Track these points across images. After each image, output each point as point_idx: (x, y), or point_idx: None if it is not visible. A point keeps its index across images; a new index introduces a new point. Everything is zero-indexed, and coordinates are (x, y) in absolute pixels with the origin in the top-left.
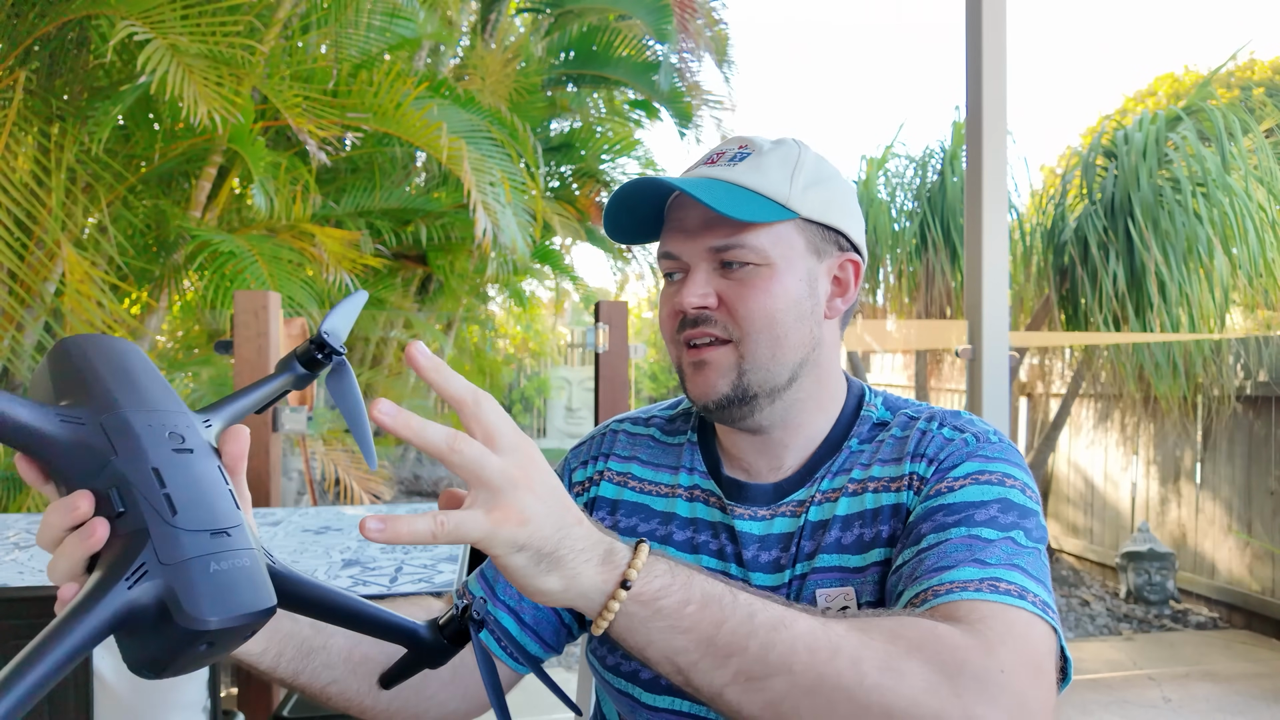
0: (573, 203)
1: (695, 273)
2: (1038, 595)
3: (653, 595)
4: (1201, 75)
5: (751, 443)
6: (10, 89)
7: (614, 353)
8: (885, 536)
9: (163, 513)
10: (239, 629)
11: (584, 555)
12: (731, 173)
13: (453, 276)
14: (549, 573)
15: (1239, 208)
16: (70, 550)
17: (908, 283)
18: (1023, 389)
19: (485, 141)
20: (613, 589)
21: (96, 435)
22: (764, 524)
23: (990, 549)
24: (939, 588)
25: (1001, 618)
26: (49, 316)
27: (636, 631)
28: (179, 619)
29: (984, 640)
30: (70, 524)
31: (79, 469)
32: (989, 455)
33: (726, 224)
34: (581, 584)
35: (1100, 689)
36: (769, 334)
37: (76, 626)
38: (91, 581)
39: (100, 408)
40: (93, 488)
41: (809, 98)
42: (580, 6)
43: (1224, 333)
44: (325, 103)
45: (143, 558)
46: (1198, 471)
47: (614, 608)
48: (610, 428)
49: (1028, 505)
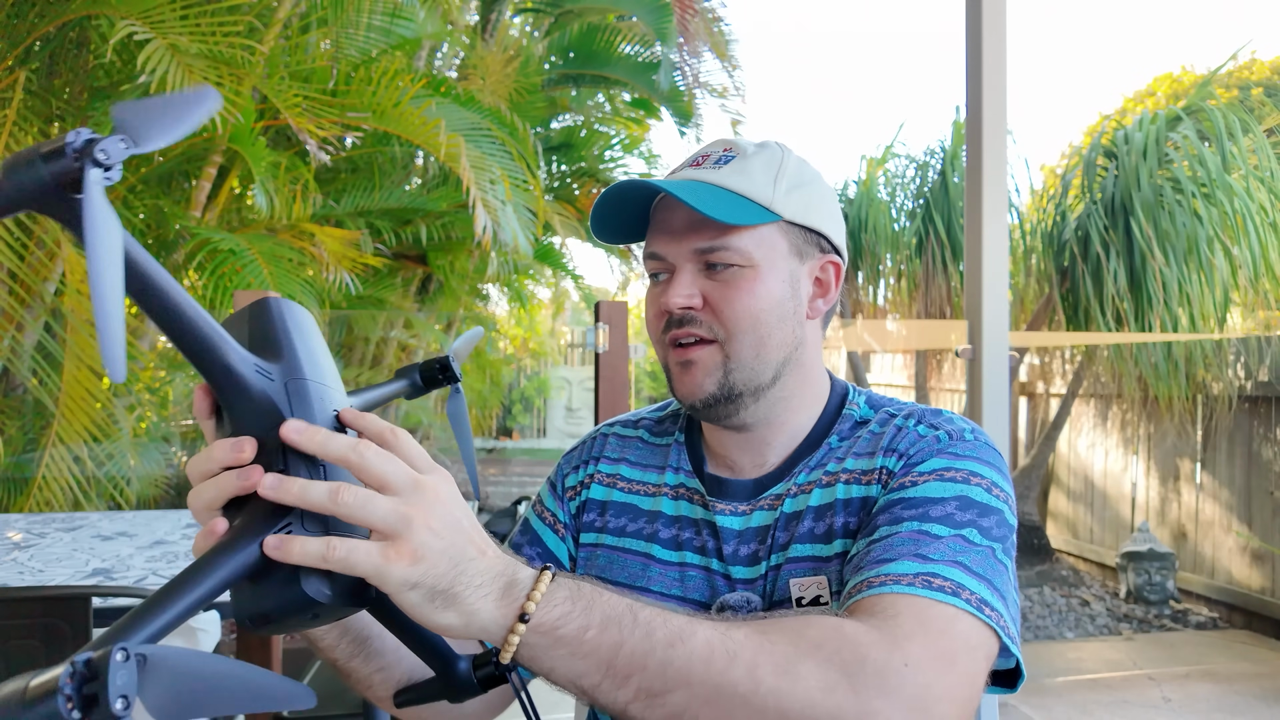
0: (573, 202)
1: (680, 273)
2: (975, 593)
3: (551, 625)
4: (1200, 75)
5: (736, 440)
6: (10, 89)
7: (614, 353)
8: (853, 528)
9: (320, 478)
10: (345, 608)
11: (481, 590)
12: (716, 175)
13: (453, 276)
14: (445, 609)
15: (1239, 207)
16: (224, 484)
17: (908, 283)
18: (1023, 389)
19: (485, 140)
20: (511, 622)
21: (280, 394)
22: (743, 519)
23: (936, 544)
24: (874, 579)
25: (919, 613)
26: (49, 316)
27: (540, 659)
28: (305, 585)
29: (889, 635)
30: (232, 462)
31: (253, 416)
32: (958, 453)
33: (711, 226)
34: (481, 619)
35: (1100, 689)
36: (753, 334)
37: (226, 561)
38: (241, 524)
39: (289, 370)
40: (259, 439)
41: (809, 97)
42: (580, 6)
43: (1224, 333)
44: (325, 102)
45: (290, 518)
46: (1198, 471)
47: (513, 640)
48: (601, 431)
49: (989, 503)
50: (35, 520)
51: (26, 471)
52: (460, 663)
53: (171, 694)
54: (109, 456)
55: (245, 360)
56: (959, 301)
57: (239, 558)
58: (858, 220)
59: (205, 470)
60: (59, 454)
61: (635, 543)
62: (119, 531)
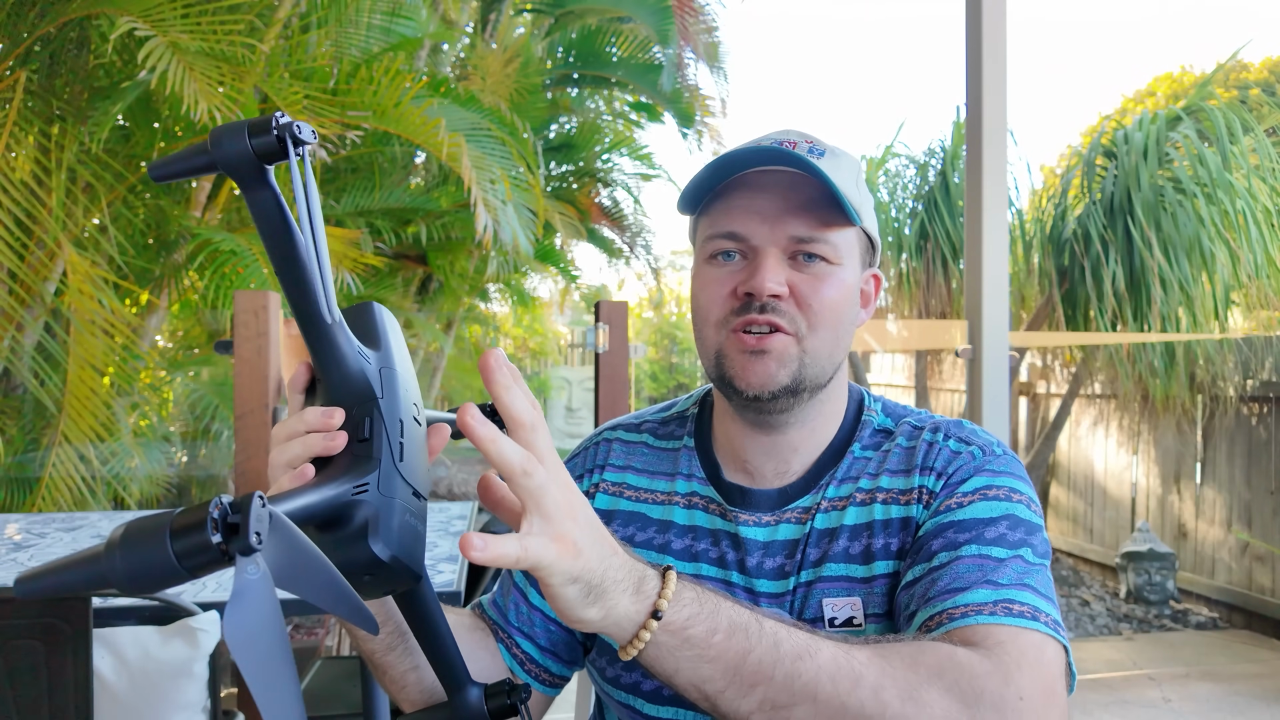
0: (573, 202)
1: (767, 258)
2: (1049, 615)
3: (681, 625)
4: (1200, 75)
5: (762, 443)
6: (11, 89)
7: (614, 353)
8: (894, 549)
9: (395, 455)
10: (397, 576)
11: (621, 586)
12: (821, 164)
13: (453, 276)
14: (594, 604)
15: (1239, 207)
16: (311, 444)
17: (908, 283)
18: (1023, 389)
19: (485, 139)
20: (644, 619)
21: (374, 375)
22: (768, 530)
23: (1002, 569)
24: (954, 610)
25: (1017, 642)
26: (49, 316)
27: (665, 660)
28: (371, 540)
29: (1001, 666)
30: (320, 426)
31: (347, 390)
32: (996, 469)
33: (812, 215)
34: (617, 614)
35: (1100, 689)
36: (832, 330)
37: (313, 494)
38: (326, 475)
39: (383, 359)
40: (349, 410)
41: (809, 97)
42: (581, 7)
43: (1225, 332)
44: (325, 100)
45: (368, 479)
46: (1198, 471)
47: (644, 637)
48: (604, 436)
49: (1033, 520)
50: (35, 520)
51: (28, 471)
52: (471, 689)
53: (284, 558)
54: (112, 454)
55: (352, 341)
56: (959, 301)
57: (324, 497)
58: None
59: (293, 431)
60: (65, 454)
61: (645, 553)
62: None
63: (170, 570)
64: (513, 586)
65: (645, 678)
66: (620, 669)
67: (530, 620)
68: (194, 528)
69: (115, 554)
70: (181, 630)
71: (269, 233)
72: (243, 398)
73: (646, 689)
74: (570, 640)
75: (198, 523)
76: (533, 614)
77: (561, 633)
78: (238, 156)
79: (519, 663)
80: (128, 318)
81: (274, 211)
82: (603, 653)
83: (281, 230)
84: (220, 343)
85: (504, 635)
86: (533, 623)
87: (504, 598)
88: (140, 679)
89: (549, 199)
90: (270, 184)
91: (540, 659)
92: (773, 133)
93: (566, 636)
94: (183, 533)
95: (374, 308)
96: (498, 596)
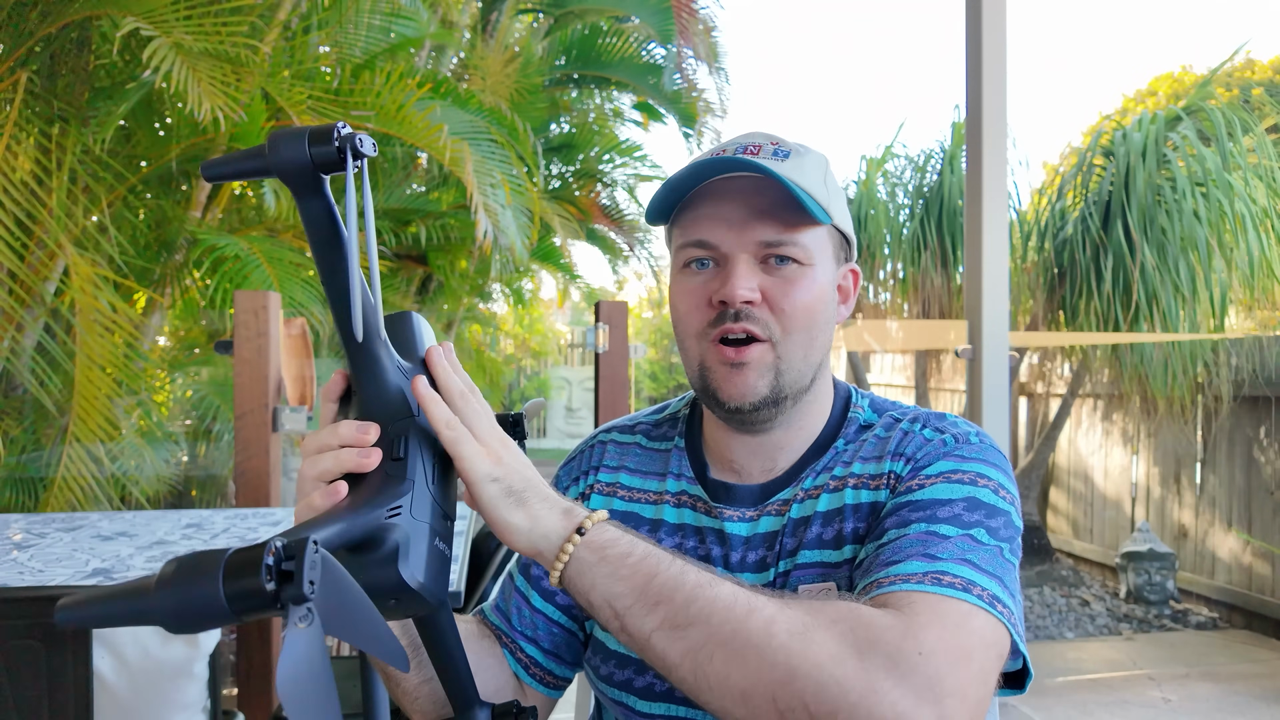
0: (573, 202)
1: (738, 264)
2: (986, 589)
3: (601, 544)
4: (1200, 75)
5: (750, 444)
6: (11, 89)
7: (614, 353)
8: (862, 533)
9: (430, 478)
10: (422, 603)
11: (547, 505)
12: (783, 168)
13: (453, 276)
14: (516, 508)
15: (1239, 207)
16: (344, 459)
17: (907, 283)
18: (1023, 389)
19: (486, 142)
20: (569, 534)
21: (411, 393)
22: (750, 524)
23: (944, 544)
24: (884, 579)
25: (934, 606)
26: (49, 317)
27: (584, 575)
28: (401, 566)
29: (905, 623)
30: (354, 442)
31: (383, 405)
32: (965, 455)
33: (778, 219)
34: (543, 525)
35: (1100, 689)
36: (806, 334)
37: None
38: (360, 496)
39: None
40: (384, 427)
41: (809, 97)
42: (582, 7)
43: (1224, 333)
44: (329, 101)
45: (401, 502)
46: (1198, 471)
47: (568, 550)
48: (598, 439)
49: (997, 505)
50: (35, 520)
51: (32, 472)
52: (480, 710)
53: (331, 601)
54: (115, 456)
55: (392, 354)
56: (959, 301)
57: (359, 522)
58: (858, 220)
59: (326, 444)
60: (76, 453)
61: None
62: (119, 531)
63: (218, 612)
64: (514, 591)
65: (637, 674)
66: (613, 667)
67: (533, 624)
68: (248, 571)
69: (165, 591)
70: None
71: (319, 242)
72: (243, 398)
73: (638, 686)
74: (573, 641)
75: (252, 564)
76: (535, 617)
77: (564, 634)
78: (295, 164)
79: (523, 667)
80: (131, 316)
81: (326, 222)
82: (597, 651)
83: (332, 241)
84: (220, 343)
85: (508, 640)
86: (535, 626)
87: (506, 603)
88: (140, 679)
89: (549, 199)
90: (325, 194)
91: (544, 661)
92: (739, 136)
93: (569, 638)
94: (235, 574)
95: (412, 318)
96: (500, 602)
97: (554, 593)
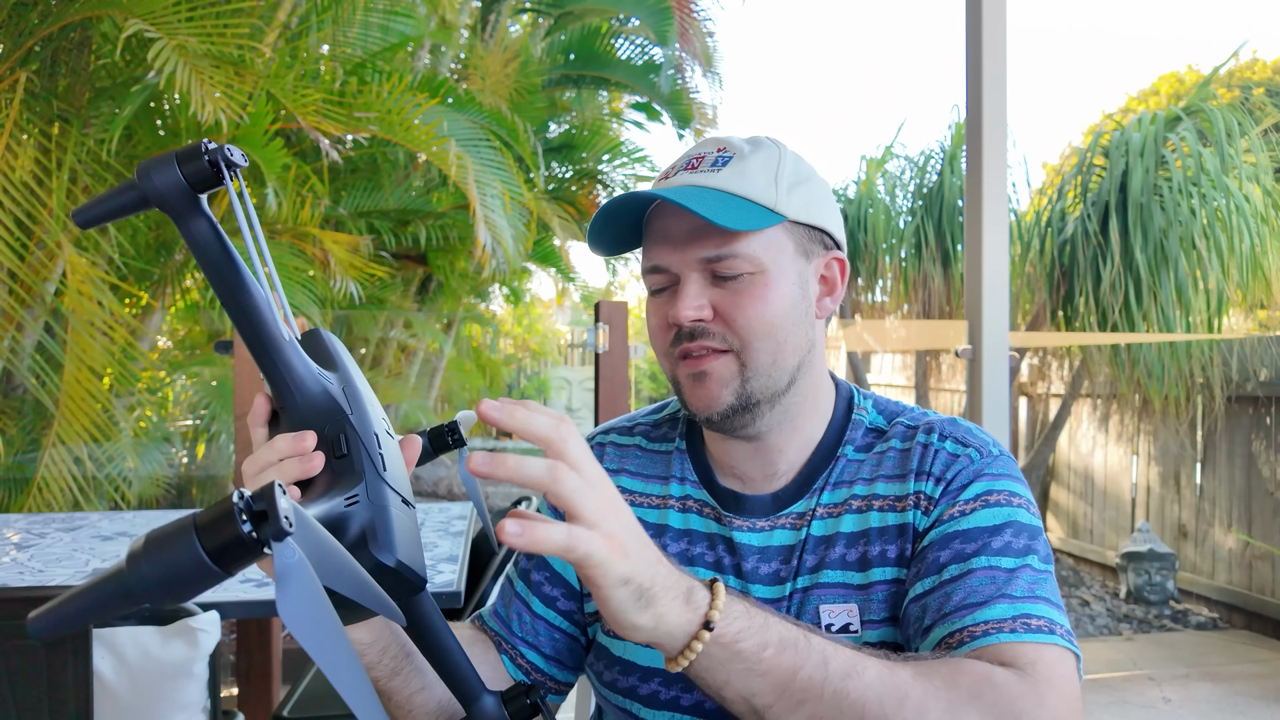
0: (572, 203)
1: (687, 284)
2: (1061, 625)
3: (733, 638)
4: (1204, 75)
5: (744, 449)
6: (11, 89)
7: (614, 353)
8: (892, 556)
9: (378, 466)
10: (403, 583)
11: (670, 594)
12: (716, 179)
13: (453, 276)
14: (645, 609)
15: (1236, 208)
16: (288, 470)
17: (907, 283)
18: (1023, 389)
19: (485, 147)
20: (696, 630)
21: (340, 395)
22: (763, 535)
23: (1013, 580)
24: (974, 628)
25: (1043, 659)
26: (49, 316)
27: (715, 672)
28: (373, 547)
29: (1035, 689)
30: (295, 452)
31: (313, 411)
32: (995, 473)
33: (716, 233)
34: (668, 623)
35: (1100, 689)
36: (769, 341)
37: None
38: (307, 495)
39: (345, 379)
40: (319, 431)
41: (809, 97)
42: (581, 8)
43: (1223, 333)
44: (332, 102)
45: (356, 491)
46: (1198, 472)
47: (696, 648)
48: (597, 441)
49: (1035, 524)
50: (35, 520)
51: (27, 472)
52: (487, 697)
53: (310, 548)
54: (109, 459)
55: (309, 364)
56: (959, 301)
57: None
58: (857, 220)
59: (266, 461)
60: (59, 454)
61: None
62: (119, 531)
63: (204, 570)
64: (514, 597)
65: (641, 682)
66: (616, 673)
67: (535, 630)
68: (221, 522)
69: (140, 564)
70: (181, 630)
71: (212, 262)
72: (242, 398)
73: (643, 693)
74: (574, 646)
75: (224, 516)
76: (537, 623)
77: (566, 639)
78: (170, 188)
79: (524, 673)
80: (126, 319)
81: (213, 240)
82: (600, 656)
83: (223, 258)
84: (220, 343)
85: (508, 647)
86: (537, 632)
87: (506, 609)
88: (140, 679)
89: (549, 200)
90: (206, 213)
91: (546, 667)
92: (691, 148)
93: (570, 643)
94: (210, 529)
95: (323, 334)
96: (499, 608)
97: (555, 599)
